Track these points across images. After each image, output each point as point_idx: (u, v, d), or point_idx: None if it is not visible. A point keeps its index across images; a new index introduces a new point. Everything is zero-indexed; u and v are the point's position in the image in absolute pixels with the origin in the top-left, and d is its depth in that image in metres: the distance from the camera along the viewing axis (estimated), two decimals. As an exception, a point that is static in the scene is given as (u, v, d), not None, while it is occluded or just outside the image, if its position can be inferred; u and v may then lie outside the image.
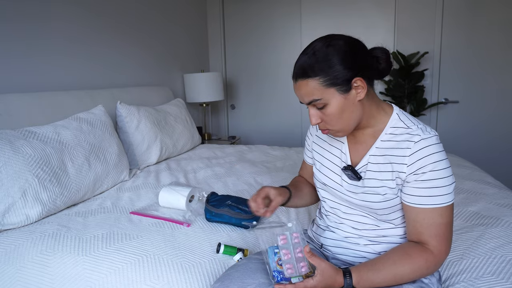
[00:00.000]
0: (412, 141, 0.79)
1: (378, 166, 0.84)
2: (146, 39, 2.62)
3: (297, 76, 0.81)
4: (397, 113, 0.87)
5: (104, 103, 2.01)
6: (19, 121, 1.52)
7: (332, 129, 0.84)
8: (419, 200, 0.78)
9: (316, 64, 0.78)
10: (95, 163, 1.56)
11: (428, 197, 0.77)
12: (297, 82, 0.82)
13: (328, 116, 0.81)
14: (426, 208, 0.78)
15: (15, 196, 1.23)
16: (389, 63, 0.85)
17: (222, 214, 1.21)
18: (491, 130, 2.91)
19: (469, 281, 0.88)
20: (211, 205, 1.24)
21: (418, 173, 0.78)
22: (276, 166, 1.99)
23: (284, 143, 3.53)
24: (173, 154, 2.27)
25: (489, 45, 2.80)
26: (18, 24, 1.66)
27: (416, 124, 0.83)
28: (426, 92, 3.00)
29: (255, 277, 0.80)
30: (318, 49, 0.79)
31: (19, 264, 1.07)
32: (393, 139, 0.83)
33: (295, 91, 0.83)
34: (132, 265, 1.00)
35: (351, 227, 0.91)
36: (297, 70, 0.81)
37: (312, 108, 0.83)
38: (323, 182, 0.95)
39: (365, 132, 0.88)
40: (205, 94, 2.97)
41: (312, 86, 0.79)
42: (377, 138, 0.86)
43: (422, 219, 0.79)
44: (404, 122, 0.84)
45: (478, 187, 1.49)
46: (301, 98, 0.83)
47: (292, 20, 3.29)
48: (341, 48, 0.78)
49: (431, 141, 0.78)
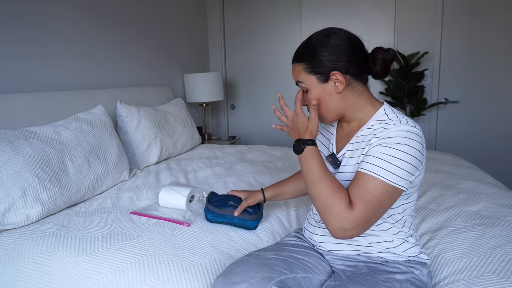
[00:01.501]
0: (385, 128, 0.82)
1: (352, 152, 0.89)
2: (146, 39, 2.62)
3: (292, 60, 0.94)
4: (384, 108, 0.89)
5: (104, 103, 2.01)
6: (19, 121, 1.52)
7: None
8: (365, 166, 0.80)
9: (304, 51, 0.90)
10: (95, 163, 1.56)
11: (373, 165, 0.78)
12: (292, 65, 0.94)
13: (309, 101, 0.91)
14: (366, 173, 0.78)
15: (15, 196, 1.23)
16: (385, 69, 0.88)
17: (225, 214, 1.19)
18: (491, 130, 2.91)
19: (469, 279, 0.89)
20: (213, 205, 1.21)
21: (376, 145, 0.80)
22: (276, 166, 1.99)
23: (284, 143, 3.53)
24: (173, 154, 2.27)
25: (489, 45, 2.80)
26: (18, 24, 1.66)
27: (398, 118, 0.85)
28: (426, 92, 3.00)
29: (258, 271, 0.80)
30: (312, 38, 0.90)
31: (20, 264, 1.07)
32: (371, 127, 0.87)
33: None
34: (132, 265, 1.00)
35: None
36: (294, 55, 0.94)
37: (300, 90, 0.94)
38: None
39: (351, 125, 0.94)
40: (205, 94, 2.97)
41: (298, 70, 0.91)
42: (360, 130, 0.91)
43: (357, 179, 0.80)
44: (388, 116, 0.87)
45: (478, 187, 1.49)
46: (293, 78, 0.95)
47: (292, 20, 3.29)
48: (330, 41, 0.86)
49: (405, 128, 0.80)
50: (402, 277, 0.82)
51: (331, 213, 0.77)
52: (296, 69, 0.92)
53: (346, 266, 0.92)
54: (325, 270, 0.92)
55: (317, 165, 0.83)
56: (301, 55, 0.90)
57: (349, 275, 0.86)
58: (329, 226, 0.78)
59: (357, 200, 0.77)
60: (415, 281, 0.83)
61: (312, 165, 0.83)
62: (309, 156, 0.84)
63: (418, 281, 0.83)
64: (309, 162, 0.84)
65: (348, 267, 0.91)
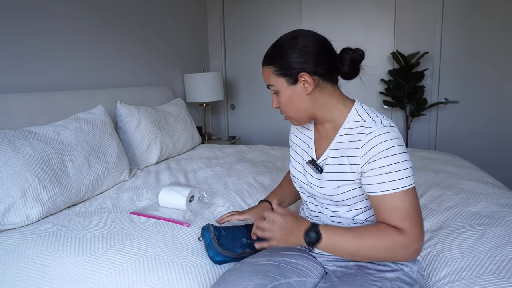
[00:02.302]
0: (364, 133, 0.83)
1: (336, 159, 0.89)
2: (146, 39, 2.62)
3: (262, 62, 0.94)
4: (356, 107, 0.90)
5: (104, 103, 2.01)
6: (19, 121, 1.52)
7: (287, 115, 0.94)
8: (376, 188, 0.80)
9: (273, 54, 0.90)
10: (95, 163, 1.56)
11: (383, 183, 0.79)
12: (262, 68, 0.94)
13: (280, 103, 0.92)
14: (384, 194, 0.79)
15: (15, 196, 1.23)
16: (353, 69, 0.88)
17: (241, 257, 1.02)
18: (491, 130, 2.91)
19: (470, 279, 0.89)
20: (224, 248, 1.00)
21: (370, 162, 0.80)
22: (276, 166, 1.99)
23: (284, 143, 3.53)
24: (173, 154, 2.26)
25: (489, 45, 2.80)
26: (18, 24, 1.66)
27: (372, 117, 0.85)
28: (426, 92, 3.00)
29: (251, 279, 0.80)
30: (280, 41, 0.90)
31: (19, 264, 1.06)
32: (349, 133, 0.87)
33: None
34: (132, 265, 0.99)
35: (329, 220, 0.95)
36: (264, 57, 0.93)
37: (272, 93, 0.94)
38: (295, 176, 1.02)
39: (326, 126, 0.94)
40: (205, 94, 2.97)
41: (267, 73, 0.91)
42: (337, 133, 0.91)
43: (383, 206, 0.80)
44: (361, 116, 0.87)
45: (478, 187, 1.49)
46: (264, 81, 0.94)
47: (292, 20, 3.29)
48: (297, 43, 0.86)
49: (382, 130, 0.81)
50: (392, 275, 0.83)
51: (397, 252, 0.78)
52: (266, 72, 0.91)
53: (337, 267, 0.93)
54: (319, 272, 0.93)
55: (344, 237, 0.79)
56: (270, 58, 0.90)
57: (340, 275, 0.87)
58: (407, 259, 0.80)
59: (400, 223, 0.78)
60: (405, 278, 0.84)
61: (342, 243, 0.79)
62: (331, 239, 0.79)
63: (409, 278, 0.84)
64: (336, 243, 0.79)
65: (339, 268, 0.92)
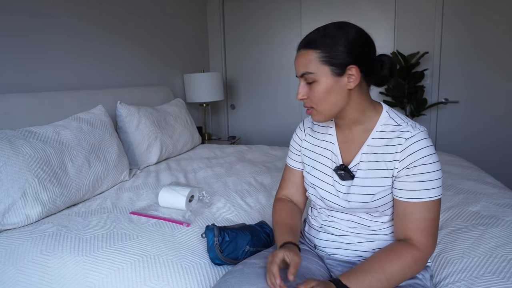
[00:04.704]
0: (403, 137, 0.81)
1: (370, 164, 0.85)
2: (146, 39, 2.62)
3: (301, 46, 0.83)
4: (387, 111, 0.88)
5: (104, 103, 2.01)
6: (19, 121, 1.52)
7: (315, 108, 0.85)
8: (408, 194, 0.80)
9: (322, 38, 0.80)
10: (95, 163, 1.56)
11: (417, 191, 0.79)
12: (299, 52, 0.84)
13: (314, 94, 0.82)
14: (415, 202, 0.79)
15: (15, 196, 1.23)
16: (392, 72, 0.86)
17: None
18: (491, 130, 2.91)
19: (470, 279, 0.88)
20: (226, 256, 0.99)
21: (409, 167, 0.79)
22: (276, 166, 1.99)
23: (284, 143, 3.53)
24: (173, 154, 2.26)
25: (489, 45, 2.80)
26: (18, 24, 1.65)
27: (405, 121, 0.84)
28: (426, 92, 3.00)
29: (253, 282, 0.78)
30: (329, 28, 0.81)
31: (19, 264, 1.06)
32: (384, 136, 0.84)
33: (295, 62, 0.85)
34: (132, 265, 0.99)
35: (346, 226, 0.91)
36: (303, 41, 0.83)
37: (303, 81, 0.84)
38: (315, 184, 0.95)
39: (355, 129, 0.89)
40: (205, 94, 2.97)
41: (309, 58, 0.81)
42: (368, 136, 0.87)
43: (410, 214, 0.80)
44: (394, 119, 0.86)
45: (478, 187, 1.49)
46: (297, 68, 0.84)
47: (292, 20, 3.29)
48: (351, 34, 0.80)
49: (421, 136, 0.80)
50: (404, 283, 0.81)
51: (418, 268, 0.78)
52: (305, 57, 0.81)
53: (343, 267, 0.91)
54: (322, 276, 0.90)
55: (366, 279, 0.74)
56: (316, 42, 0.80)
57: None
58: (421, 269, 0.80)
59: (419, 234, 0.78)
60: (418, 287, 0.81)
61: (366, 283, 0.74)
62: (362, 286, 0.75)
63: (422, 286, 0.82)
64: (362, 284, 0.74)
65: (345, 269, 0.89)
